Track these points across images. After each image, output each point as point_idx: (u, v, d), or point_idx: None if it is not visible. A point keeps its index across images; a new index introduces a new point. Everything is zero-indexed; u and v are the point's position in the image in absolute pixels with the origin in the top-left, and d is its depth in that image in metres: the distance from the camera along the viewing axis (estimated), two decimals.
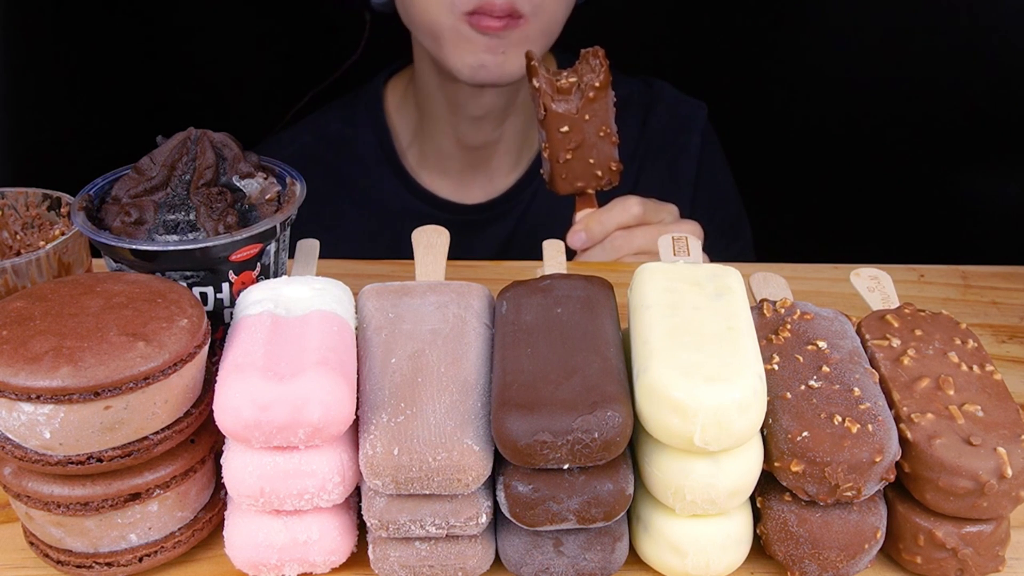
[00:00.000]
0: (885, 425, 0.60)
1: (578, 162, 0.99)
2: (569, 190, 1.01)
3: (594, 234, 1.00)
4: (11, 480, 0.61)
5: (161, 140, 0.76)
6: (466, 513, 0.60)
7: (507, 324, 0.66)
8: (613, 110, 0.99)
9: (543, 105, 0.97)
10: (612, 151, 0.99)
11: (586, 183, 1.00)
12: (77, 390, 0.56)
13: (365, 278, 0.77)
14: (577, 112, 0.97)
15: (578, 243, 1.01)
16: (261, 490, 0.59)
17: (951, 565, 0.62)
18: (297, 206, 0.74)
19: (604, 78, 0.97)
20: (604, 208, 1.01)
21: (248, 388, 0.57)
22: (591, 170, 0.99)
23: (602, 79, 0.97)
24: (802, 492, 0.60)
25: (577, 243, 1.01)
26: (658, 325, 0.62)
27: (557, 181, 1.00)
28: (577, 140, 0.97)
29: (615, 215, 1.00)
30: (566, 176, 0.99)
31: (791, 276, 0.79)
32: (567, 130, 0.97)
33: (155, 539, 0.63)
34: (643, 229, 1.01)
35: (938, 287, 0.97)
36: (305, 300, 0.65)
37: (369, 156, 1.30)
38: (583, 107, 0.97)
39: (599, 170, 0.99)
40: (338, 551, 0.63)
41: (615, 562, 0.62)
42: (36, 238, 0.75)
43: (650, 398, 0.58)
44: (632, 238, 1.00)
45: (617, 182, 1.01)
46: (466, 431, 0.59)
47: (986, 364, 0.66)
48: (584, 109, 0.97)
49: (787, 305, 0.70)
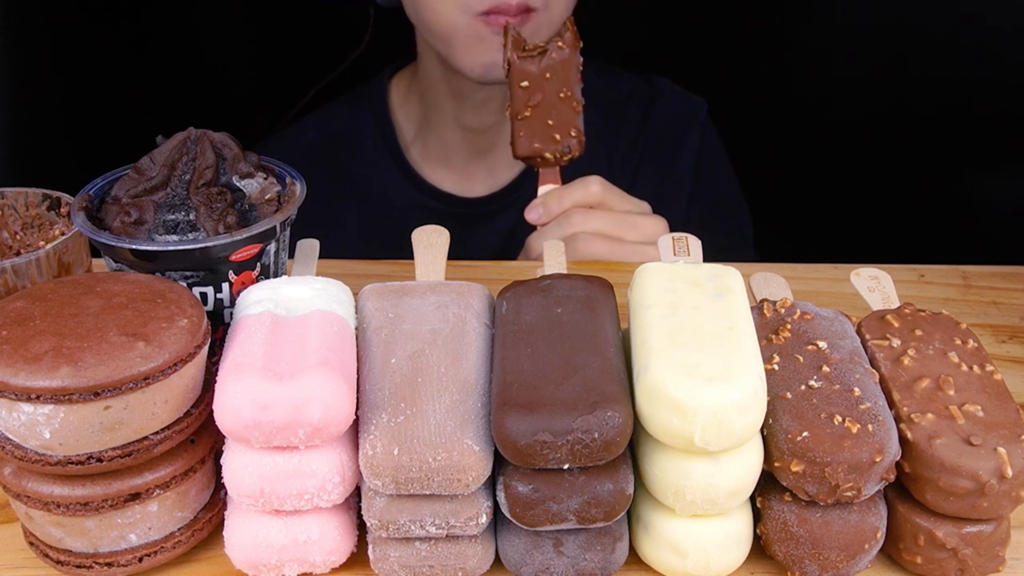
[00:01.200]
0: (885, 425, 0.60)
1: (537, 122, 0.99)
2: (527, 151, 1.00)
3: (551, 209, 1.00)
4: (11, 480, 0.61)
5: (161, 140, 0.76)
6: (466, 513, 0.60)
7: (507, 324, 0.66)
8: (578, 78, 0.99)
9: (507, 60, 0.98)
10: (574, 117, 0.99)
11: (544, 146, 0.99)
12: (77, 390, 0.56)
13: (365, 278, 0.77)
14: (538, 69, 0.98)
15: (534, 217, 1.00)
16: (261, 490, 0.59)
17: (951, 565, 0.62)
18: (297, 206, 0.74)
19: (569, 39, 0.98)
20: (565, 186, 1.01)
21: (248, 388, 0.57)
22: (549, 132, 0.99)
23: (567, 40, 0.98)
24: (802, 492, 0.60)
25: (534, 217, 1.00)
26: (658, 325, 0.62)
27: (516, 140, 1.00)
28: (536, 98, 0.98)
29: (574, 192, 1.00)
30: (524, 134, 0.99)
31: (791, 276, 0.79)
32: (527, 85, 0.98)
33: (155, 539, 0.63)
34: (602, 212, 1.00)
35: (938, 287, 0.97)
36: (305, 300, 0.65)
37: (373, 152, 1.30)
38: (545, 65, 0.98)
39: (558, 133, 0.99)
40: (338, 551, 0.63)
41: (615, 562, 0.62)
42: (36, 238, 0.75)
43: (650, 398, 0.58)
44: (589, 217, 0.99)
45: (578, 153, 1.00)
46: (466, 431, 0.59)
47: (986, 364, 0.66)
48: (546, 68, 0.98)
49: (787, 305, 0.70)
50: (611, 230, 0.99)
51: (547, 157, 1.00)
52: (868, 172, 1.58)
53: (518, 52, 0.98)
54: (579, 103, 0.99)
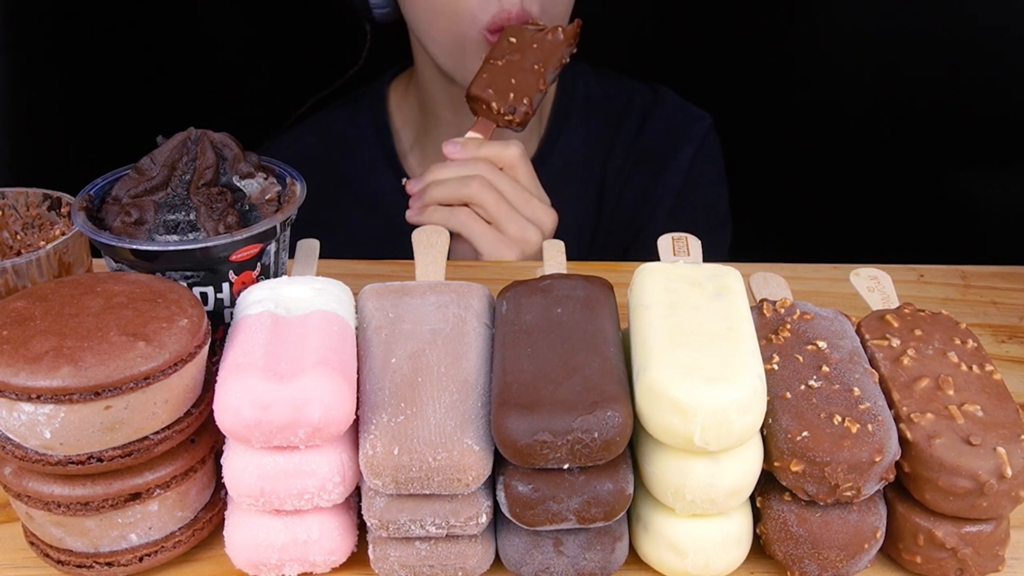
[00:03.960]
0: (885, 425, 0.60)
1: (503, 73, 1.03)
2: (479, 91, 1.03)
3: (468, 150, 1.01)
4: (11, 480, 0.61)
5: (161, 140, 0.76)
6: (466, 513, 0.60)
7: (507, 324, 0.66)
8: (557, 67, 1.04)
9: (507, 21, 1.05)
10: (535, 92, 1.03)
11: (495, 96, 1.03)
12: (77, 390, 0.56)
13: (365, 278, 0.77)
14: (529, 39, 1.03)
15: (449, 151, 1.01)
16: (261, 490, 0.59)
17: (951, 565, 0.62)
18: (297, 206, 0.74)
19: (568, 31, 1.04)
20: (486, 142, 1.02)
21: (248, 388, 0.57)
22: (508, 89, 1.02)
23: (566, 31, 1.04)
24: (802, 492, 0.60)
25: (449, 151, 1.01)
26: (658, 325, 0.62)
27: (477, 79, 1.03)
28: (513, 58, 1.03)
29: (494, 146, 1.01)
30: (486, 76, 1.03)
31: (791, 276, 0.79)
32: (514, 41, 1.03)
33: (155, 539, 0.63)
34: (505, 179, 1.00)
35: (938, 287, 0.98)
36: (305, 300, 0.65)
37: (371, 156, 1.30)
38: (537, 37, 1.03)
39: (513, 93, 1.02)
40: (338, 551, 0.63)
41: (615, 562, 0.62)
42: (36, 238, 0.75)
43: (650, 398, 0.59)
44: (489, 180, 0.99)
45: (518, 122, 1.03)
46: (466, 431, 0.59)
47: (986, 364, 0.66)
48: (536, 39, 1.03)
49: (787, 305, 0.70)
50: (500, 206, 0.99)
51: (492, 107, 1.03)
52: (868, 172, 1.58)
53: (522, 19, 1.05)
54: (545, 84, 1.04)
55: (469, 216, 0.99)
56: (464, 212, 0.99)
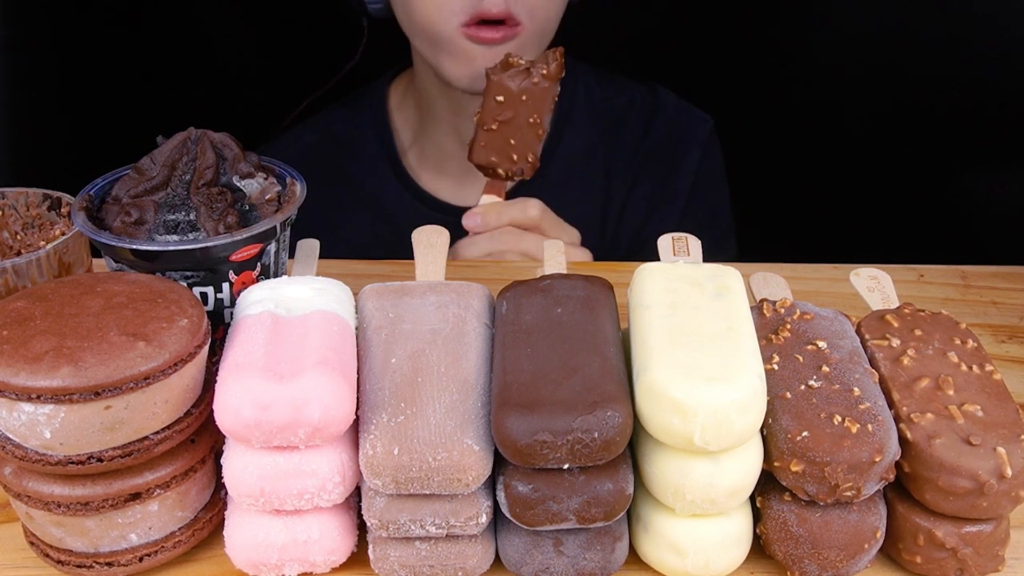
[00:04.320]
0: (885, 425, 0.60)
1: (500, 137, 1.01)
2: (482, 160, 1.02)
3: (489, 222, 1.01)
4: (11, 480, 0.61)
5: (161, 140, 0.76)
6: (466, 513, 0.60)
7: (507, 324, 0.66)
8: (551, 108, 1.02)
9: (488, 73, 1.00)
10: (535, 143, 1.02)
11: (499, 161, 1.02)
12: (77, 390, 0.56)
13: (365, 278, 0.77)
14: (516, 90, 1.00)
15: (472, 224, 1.01)
16: (261, 490, 0.59)
17: (951, 565, 0.62)
18: (297, 206, 0.74)
19: (553, 70, 1.01)
20: (507, 202, 1.02)
21: (248, 388, 0.57)
22: (509, 151, 1.01)
23: (550, 70, 1.00)
24: (802, 492, 0.60)
25: (471, 224, 1.01)
26: (658, 325, 0.62)
27: (475, 147, 1.02)
28: (507, 115, 1.00)
29: (514, 210, 1.01)
30: (484, 145, 1.02)
31: (791, 276, 0.79)
32: (502, 100, 1.00)
33: (155, 539, 0.63)
34: (533, 236, 1.01)
35: (938, 287, 0.98)
36: (305, 300, 0.65)
37: (371, 156, 1.30)
38: (523, 88, 1.00)
39: (516, 154, 1.01)
40: (338, 551, 0.63)
41: (615, 562, 0.62)
42: (36, 238, 0.75)
43: (650, 398, 0.59)
44: (521, 239, 1.01)
45: (529, 176, 1.03)
46: (466, 431, 0.59)
47: (986, 364, 0.66)
48: (523, 90, 1.00)
49: (787, 305, 0.70)
50: (538, 255, 1.00)
51: (499, 172, 1.03)
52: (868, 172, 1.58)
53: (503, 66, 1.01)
54: (544, 131, 1.02)
55: None
56: None
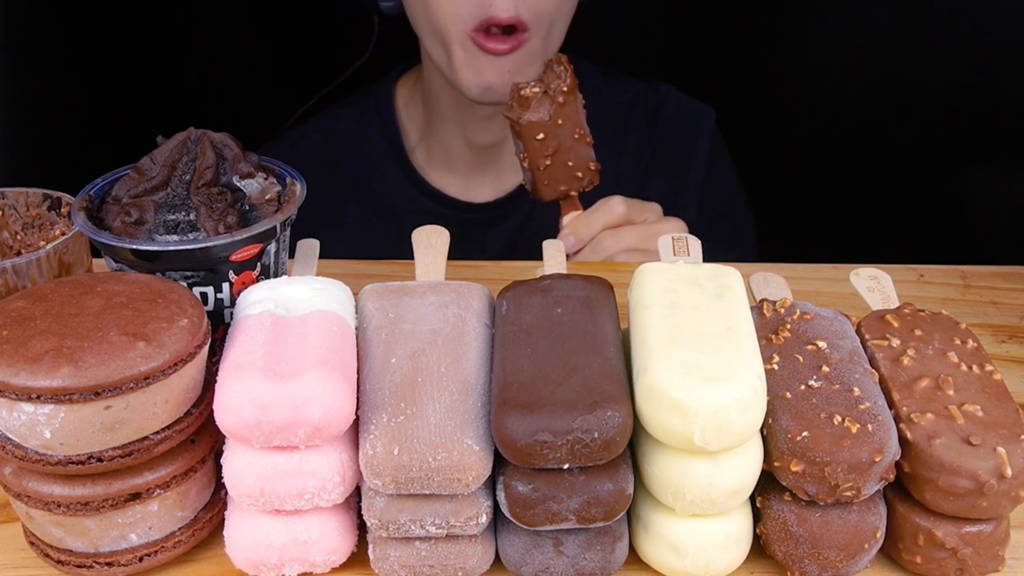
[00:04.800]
0: (885, 425, 0.60)
1: (558, 167, 1.01)
2: (554, 195, 1.02)
3: (582, 236, 1.01)
4: (11, 480, 0.61)
5: (161, 140, 0.76)
6: (466, 513, 0.60)
7: (507, 324, 0.66)
8: (584, 112, 1.01)
9: (513, 119, 0.99)
10: (588, 152, 1.02)
11: (568, 186, 1.02)
12: (77, 390, 0.56)
13: (365, 278, 0.77)
14: (550, 119, 0.99)
15: (568, 247, 1.01)
16: (261, 490, 0.59)
17: (951, 565, 0.62)
18: (297, 206, 0.74)
19: (571, 82, 1.00)
20: (590, 210, 1.02)
21: (248, 388, 0.57)
22: (571, 173, 1.01)
23: (569, 83, 1.00)
24: (802, 492, 0.60)
25: (567, 247, 1.01)
26: (658, 325, 0.62)
27: (540, 188, 1.02)
28: (554, 146, 1.00)
29: (601, 216, 1.01)
30: (548, 182, 1.02)
31: (791, 276, 0.79)
32: (543, 137, 0.99)
33: (155, 539, 0.63)
34: (629, 228, 1.02)
35: (938, 287, 0.98)
36: (305, 300, 0.65)
37: (378, 154, 1.30)
38: (555, 113, 0.99)
39: (579, 172, 1.02)
40: (338, 551, 0.63)
41: (615, 562, 0.62)
42: (36, 238, 0.75)
43: (650, 398, 0.59)
44: (620, 237, 1.01)
45: (598, 181, 1.03)
46: (466, 431, 0.59)
47: (986, 364, 0.66)
48: (556, 115, 0.99)
49: (787, 305, 0.70)
50: (641, 243, 1.01)
51: (572, 195, 1.03)
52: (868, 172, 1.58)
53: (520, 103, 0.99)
54: (590, 137, 1.02)
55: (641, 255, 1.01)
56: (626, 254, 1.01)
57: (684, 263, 0.70)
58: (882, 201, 1.59)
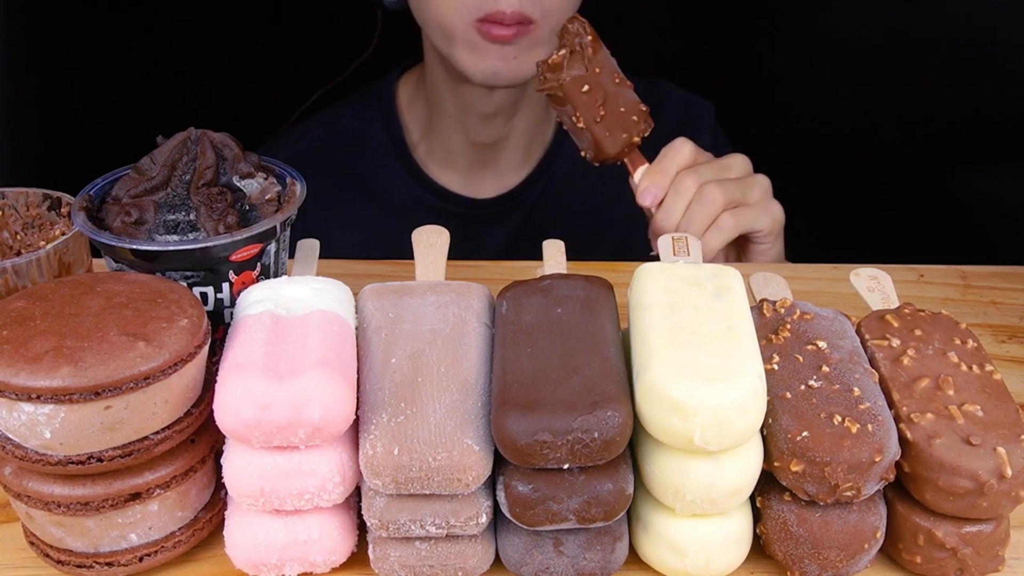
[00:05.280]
0: (885, 425, 0.60)
1: (612, 116, 0.97)
2: (619, 146, 0.98)
3: (662, 184, 0.98)
4: (11, 480, 0.61)
5: (161, 140, 0.76)
6: (466, 513, 0.60)
7: (507, 324, 0.66)
8: (614, 59, 0.98)
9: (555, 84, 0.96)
10: (633, 95, 0.98)
11: (628, 132, 0.98)
12: (77, 390, 0.56)
13: (365, 278, 0.77)
14: (587, 70, 0.96)
15: (650, 200, 0.98)
16: (261, 490, 0.59)
17: (951, 565, 0.62)
18: (297, 206, 0.74)
19: (592, 33, 0.97)
20: (659, 159, 0.99)
21: (248, 388, 0.57)
22: (626, 118, 0.98)
23: (591, 34, 0.97)
24: (802, 492, 0.60)
25: (649, 200, 0.98)
26: (658, 325, 0.62)
27: (603, 143, 0.97)
28: (601, 95, 0.96)
29: (670, 157, 0.98)
30: (609, 133, 0.97)
31: (791, 276, 0.79)
32: (588, 89, 0.96)
33: (155, 539, 0.63)
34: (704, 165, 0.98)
35: (938, 287, 0.98)
36: (305, 300, 0.65)
37: (380, 151, 1.30)
38: (590, 64, 0.96)
39: (633, 116, 0.98)
40: (338, 551, 0.63)
41: (615, 562, 0.62)
42: (36, 238, 0.75)
43: (650, 398, 0.59)
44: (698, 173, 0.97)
45: (653, 124, 1.00)
46: (466, 431, 0.59)
47: (986, 364, 0.66)
48: (592, 64, 0.96)
49: (787, 305, 0.70)
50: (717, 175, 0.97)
51: (636, 141, 0.99)
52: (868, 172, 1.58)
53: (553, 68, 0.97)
54: (628, 81, 0.99)
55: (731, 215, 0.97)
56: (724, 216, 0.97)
57: (684, 263, 0.70)
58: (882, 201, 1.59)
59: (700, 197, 0.96)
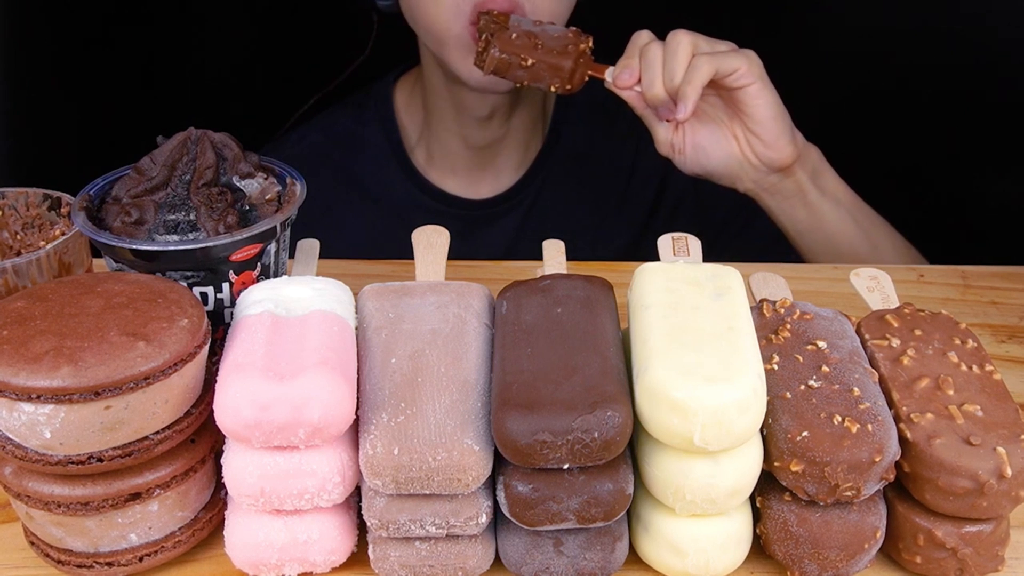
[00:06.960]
0: (885, 425, 0.60)
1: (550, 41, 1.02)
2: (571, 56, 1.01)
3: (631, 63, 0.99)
4: (11, 480, 0.61)
5: (161, 140, 0.76)
6: (466, 513, 0.60)
7: (507, 324, 0.66)
8: None
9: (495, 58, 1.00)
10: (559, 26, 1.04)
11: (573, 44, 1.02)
12: (77, 390, 0.56)
13: (365, 278, 0.77)
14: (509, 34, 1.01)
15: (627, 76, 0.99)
16: (261, 490, 0.59)
17: (951, 565, 0.62)
18: (297, 206, 0.74)
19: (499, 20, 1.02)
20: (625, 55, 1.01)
21: (248, 388, 0.57)
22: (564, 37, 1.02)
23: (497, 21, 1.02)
24: (802, 492, 0.60)
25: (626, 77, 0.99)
26: (658, 325, 0.62)
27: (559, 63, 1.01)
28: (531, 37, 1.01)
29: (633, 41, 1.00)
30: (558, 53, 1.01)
31: (791, 276, 0.79)
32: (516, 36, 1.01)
33: (155, 539, 0.63)
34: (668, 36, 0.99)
35: (938, 287, 0.98)
36: (305, 300, 0.65)
37: (378, 154, 1.30)
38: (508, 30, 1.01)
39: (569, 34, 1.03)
40: (338, 551, 0.63)
41: (615, 562, 0.62)
42: (36, 238, 0.75)
43: (650, 398, 0.59)
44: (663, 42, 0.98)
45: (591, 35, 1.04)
46: (466, 431, 0.59)
47: (986, 364, 0.66)
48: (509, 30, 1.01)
49: (787, 305, 0.70)
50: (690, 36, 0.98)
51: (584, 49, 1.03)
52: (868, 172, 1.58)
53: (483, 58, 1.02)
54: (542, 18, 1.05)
55: (702, 58, 0.96)
56: (696, 58, 0.96)
57: (684, 263, 0.70)
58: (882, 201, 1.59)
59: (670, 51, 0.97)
